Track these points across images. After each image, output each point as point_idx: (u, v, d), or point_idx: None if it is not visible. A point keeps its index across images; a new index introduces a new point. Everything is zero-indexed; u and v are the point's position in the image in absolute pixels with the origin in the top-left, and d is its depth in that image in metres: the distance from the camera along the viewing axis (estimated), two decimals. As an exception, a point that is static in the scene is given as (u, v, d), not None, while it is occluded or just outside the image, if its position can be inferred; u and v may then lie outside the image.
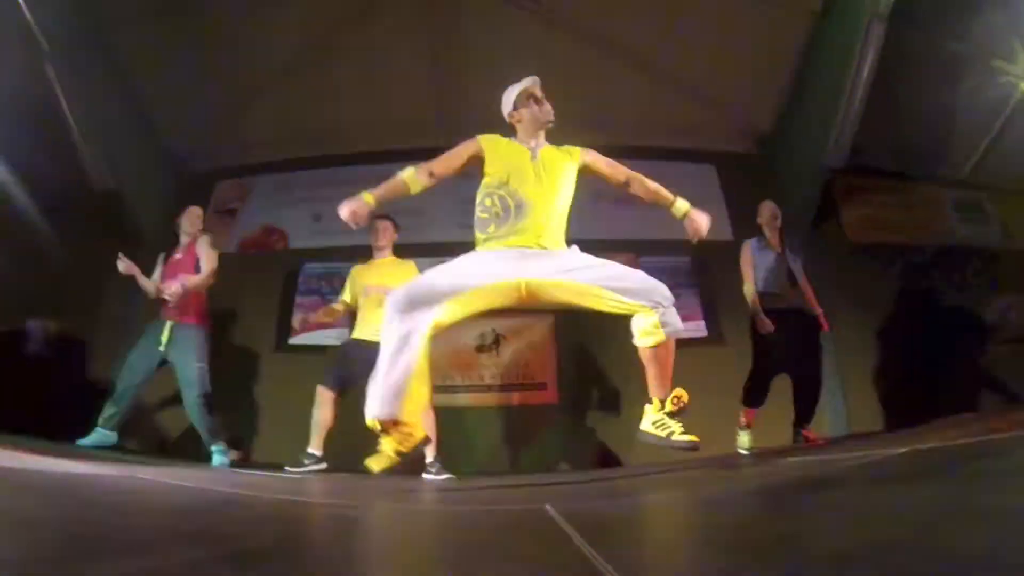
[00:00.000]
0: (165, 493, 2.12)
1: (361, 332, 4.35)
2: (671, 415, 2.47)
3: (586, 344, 5.56)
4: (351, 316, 4.60)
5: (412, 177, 2.79)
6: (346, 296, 4.58)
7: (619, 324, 5.46)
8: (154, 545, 1.09)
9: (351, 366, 4.10)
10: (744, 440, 4.39)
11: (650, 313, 2.47)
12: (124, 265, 4.36)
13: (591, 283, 2.53)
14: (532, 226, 2.64)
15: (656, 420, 2.49)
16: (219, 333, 5.63)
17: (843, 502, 1.53)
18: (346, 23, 5.90)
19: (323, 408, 4.15)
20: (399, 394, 2.30)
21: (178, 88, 6.07)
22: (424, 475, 3.93)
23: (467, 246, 2.85)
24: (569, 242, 2.83)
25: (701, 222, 2.91)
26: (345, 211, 2.71)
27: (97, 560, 0.92)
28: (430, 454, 3.96)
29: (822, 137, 5.74)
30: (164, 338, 4.21)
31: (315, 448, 4.12)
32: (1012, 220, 6.34)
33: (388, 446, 2.35)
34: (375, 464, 2.36)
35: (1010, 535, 0.83)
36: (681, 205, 2.98)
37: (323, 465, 4.13)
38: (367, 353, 4.19)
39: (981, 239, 6.30)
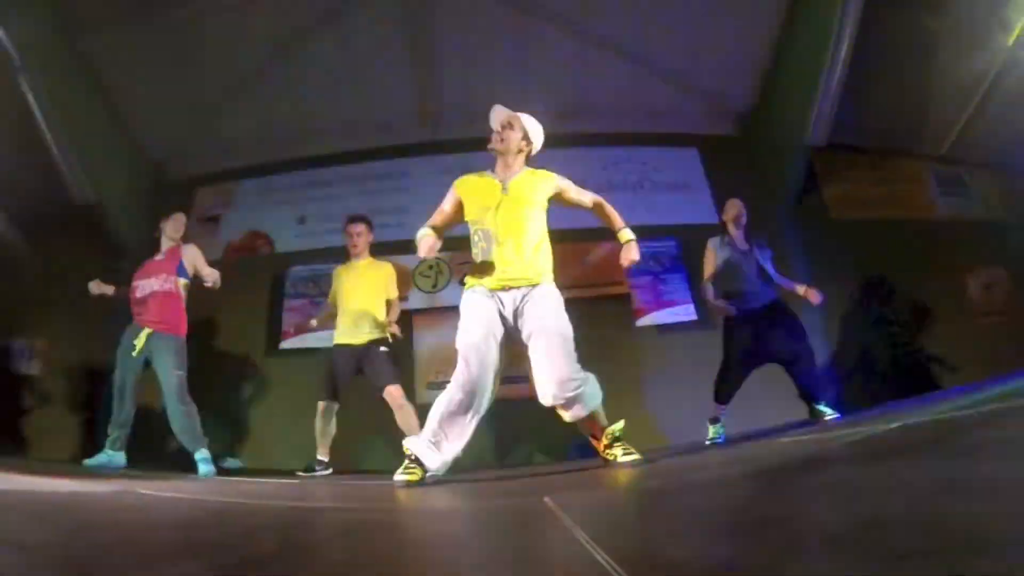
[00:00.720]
0: (165, 507, 2.12)
1: (340, 337, 4.47)
2: (609, 447, 2.90)
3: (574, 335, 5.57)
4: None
5: (429, 232, 3.05)
6: (330, 297, 4.66)
7: (606, 316, 5.49)
8: (154, 561, 1.09)
9: (337, 372, 4.36)
10: (711, 432, 4.42)
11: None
12: (96, 287, 4.30)
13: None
14: (500, 259, 2.89)
15: (603, 452, 2.94)
16: (209, 341, 5.63)
17: (835, 480, 1.55)
18: (321, 22, 5.85)
19: (322, 418, 4.31)
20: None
21: (155, 95, 6.00)
22: None
23: (450, 242, 2.98)
24: (557, 235, 3.08)
25: (634, 254, 3.09)
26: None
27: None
28: None
29: (802, 116, 5.78)
30: (139, 344, 4.11)
31: (322, 455, 4.33)
32: (992, 194, 6.39)
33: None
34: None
35: (1003, 509, 0.84)
36: (626, 234, 3.15)
37: (329, 471, 4.32)
38: (347, 357, 4.29)
39: (962, 213, 6.35)
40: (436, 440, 2.78)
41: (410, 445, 2.77)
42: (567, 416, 2.90)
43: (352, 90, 6.35)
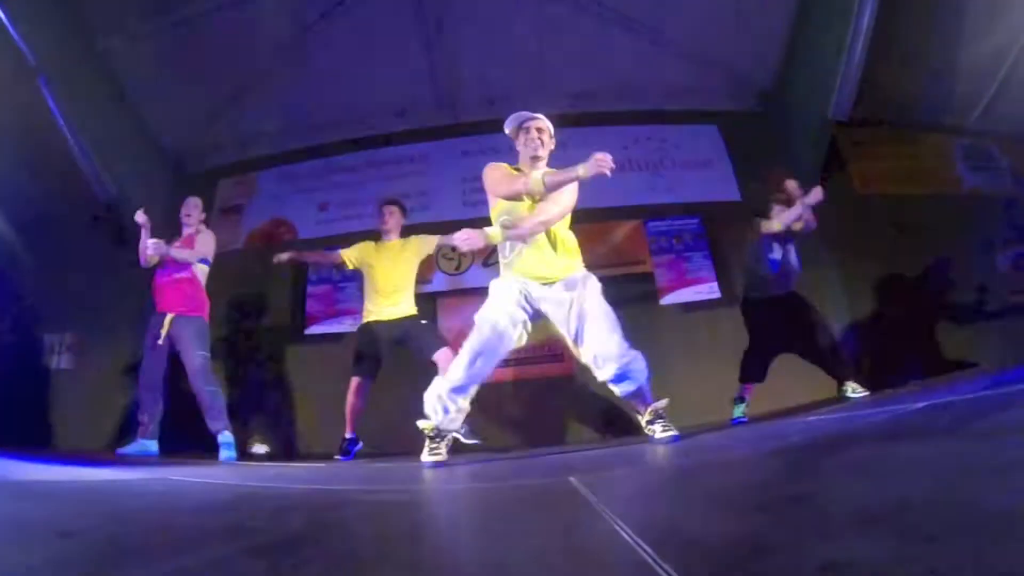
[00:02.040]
0: (194, 492, 2.16)
1: (377, 315, 4.46)
2: (651, 422, 3.05)
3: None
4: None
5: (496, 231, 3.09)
6: (351, 254, 4.62)
7: (631, 292, 5.46)
8: (184, 545, 1.12)
9: (378, 347, 4.38)
10: (736, 412, 4.46)
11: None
12: (142, 217, 4.33)
13: (579, 335, 3.04)
14: (534, 249, 3.08)
15: (644, 427, 3.10)
16: (236, 328, 5.71)
17: (861, 460, 1.54)
18: (335, 8, 5.83)
19: (353, 395, 4.32)
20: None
21: (173, 89, 6.02)
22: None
23: (471, 223, 3.02)
24: (579, 215, 3.19)
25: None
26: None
27: (127, 564, 0.94)
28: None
29: (826, 90, 5.64)
30: (163, 330, 4.23)
31: (350, 432, 4.33)
32: (1022, 168, 6.23)
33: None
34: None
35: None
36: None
37: (359, 446, 4.36)
38: (387, 330, 4.32)
39: (991, 188, 6.21)
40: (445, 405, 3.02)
41: (424, 422, 3.05)
42: (619, 390, 3.03)
43: (369, 76, 6.31)
